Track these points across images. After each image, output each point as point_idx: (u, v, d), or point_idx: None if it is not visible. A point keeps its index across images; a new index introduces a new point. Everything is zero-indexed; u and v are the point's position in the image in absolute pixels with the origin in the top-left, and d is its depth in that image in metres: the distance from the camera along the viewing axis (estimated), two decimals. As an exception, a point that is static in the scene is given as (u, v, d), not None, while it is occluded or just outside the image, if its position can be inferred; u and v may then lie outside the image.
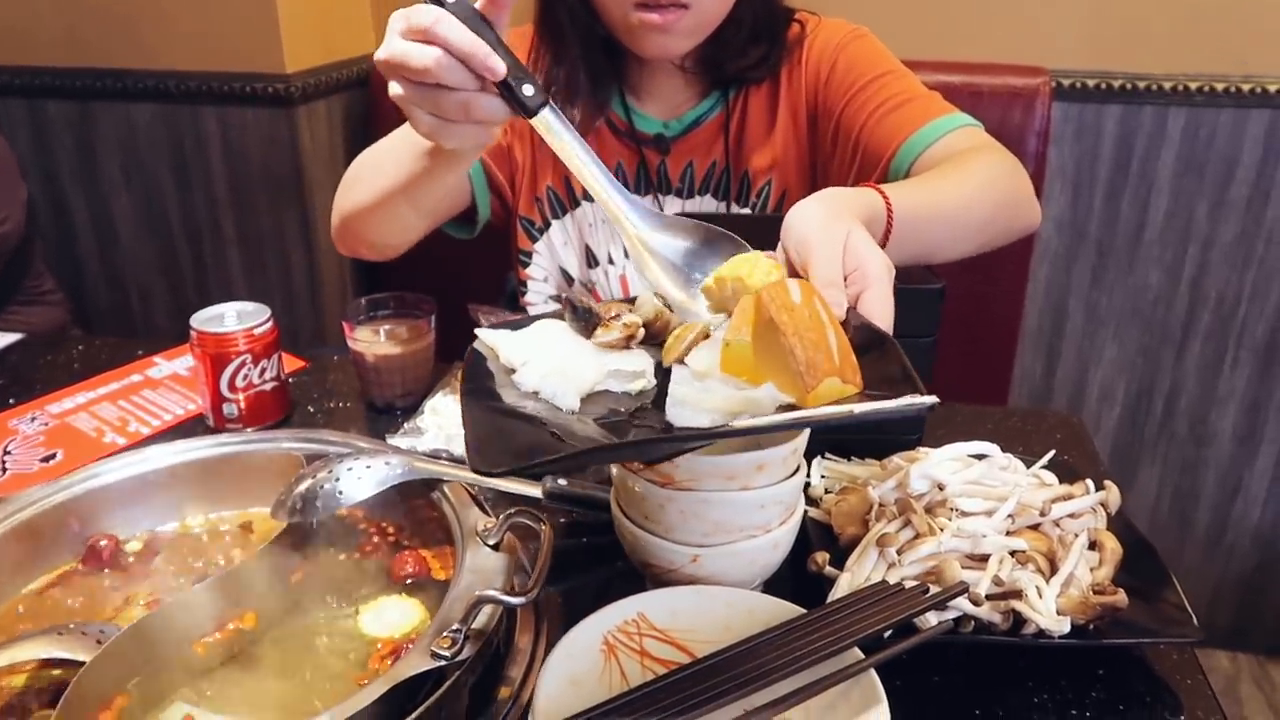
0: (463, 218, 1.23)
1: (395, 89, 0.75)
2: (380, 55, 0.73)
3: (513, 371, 0.72)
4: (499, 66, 0.70)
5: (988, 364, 1.70)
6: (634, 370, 0.71)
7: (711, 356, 0.67)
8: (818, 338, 0.60)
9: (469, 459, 0.60)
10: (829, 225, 0.72)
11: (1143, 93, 1.78)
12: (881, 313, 0.68)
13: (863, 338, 0.65)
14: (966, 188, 0.94)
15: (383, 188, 1.04)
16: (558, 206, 1.26)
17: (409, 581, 0.75)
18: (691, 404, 0.63)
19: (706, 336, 0.70)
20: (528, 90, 0.71)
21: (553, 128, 0.72)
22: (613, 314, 0.75)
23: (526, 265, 1.30)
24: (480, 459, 0.59)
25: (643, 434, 0.64)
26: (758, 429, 0.61)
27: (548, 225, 1.27)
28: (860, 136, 1.11)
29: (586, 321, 0.76)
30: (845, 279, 0.70)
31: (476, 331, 0.77)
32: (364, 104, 1.97)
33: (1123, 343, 1.98)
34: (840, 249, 0.70)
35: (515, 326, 0.78)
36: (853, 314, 0.68)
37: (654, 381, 0.71)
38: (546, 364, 0.72)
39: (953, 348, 0.93)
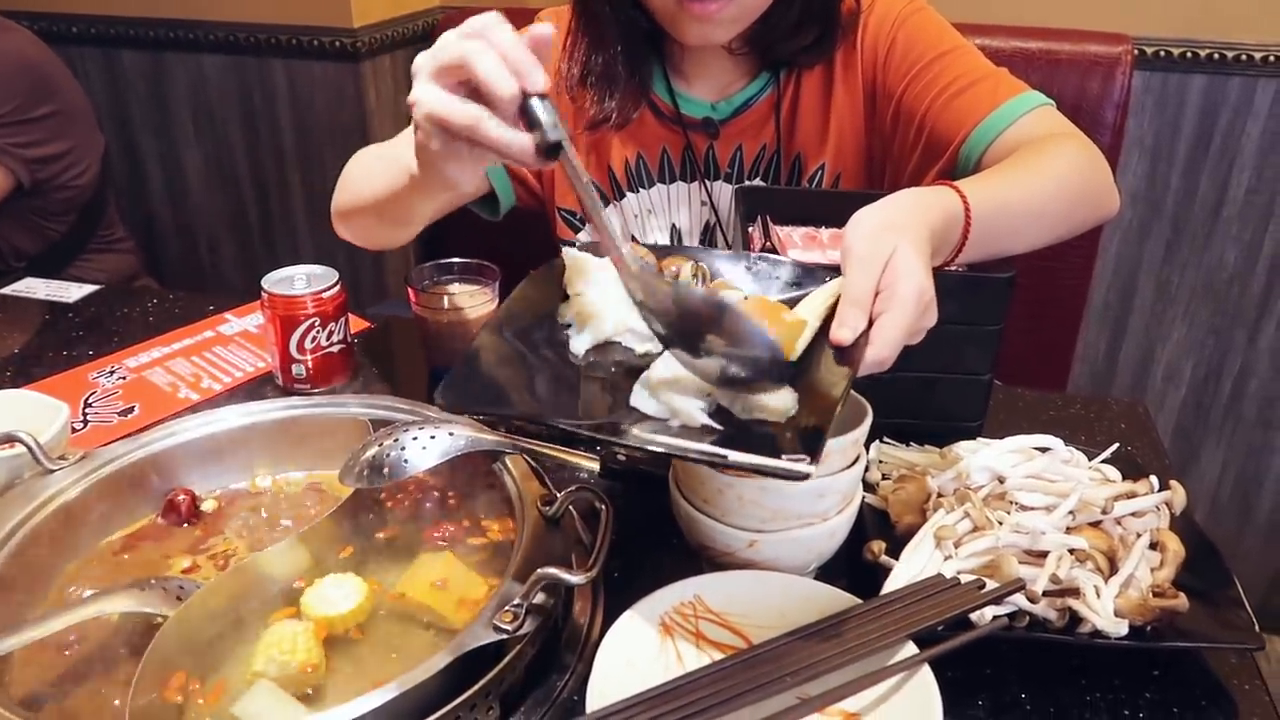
0: (487, 197, 1.21)
1: (425, 106, 0.68)
2: (430, 61, 0.68)
3: (567, 298, 0.80)
4: (539, 77, 0.64)
5: (1051, 340, 1.66)
6: (647, 333, 0.75)
7: None
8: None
9: (440, 389, 0.69)
10: (876, 238, 0.70)
11: (1230, 63, 1.71)
12: (885, 338, 0.66)
13: (840, 364, 0.68)
14: (1046, 181, 0.91)
15: (369, 198, 1.01)
16: (600, 198, 1.23)
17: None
18: (653, 387, 0.69)
19: None
20: (549, 122, 0.65)
21: (573, 162, 0.67)
22: (664, 272, 0.80)
23: None
24: (444, 393, 0.68)
25: (604, 399, 0.73)
26: (641, 447, 0.66)
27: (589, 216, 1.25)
28: (925, 120, 1.06)
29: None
30: (877, 295, 0.68)
31: (565, 250, 0.83)
32: (429, 59, 1.97)
33: (1193, 322, 1.93)
34: (878, 266, 0.68)
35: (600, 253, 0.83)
36: (861, 338, 0.67)
37: (660, 349, 0.75)
38: (585, 302, 0.79)
39: (1016, 323, 0.91)
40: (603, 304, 0.79)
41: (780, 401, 0.67)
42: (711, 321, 0.67)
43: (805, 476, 0.59)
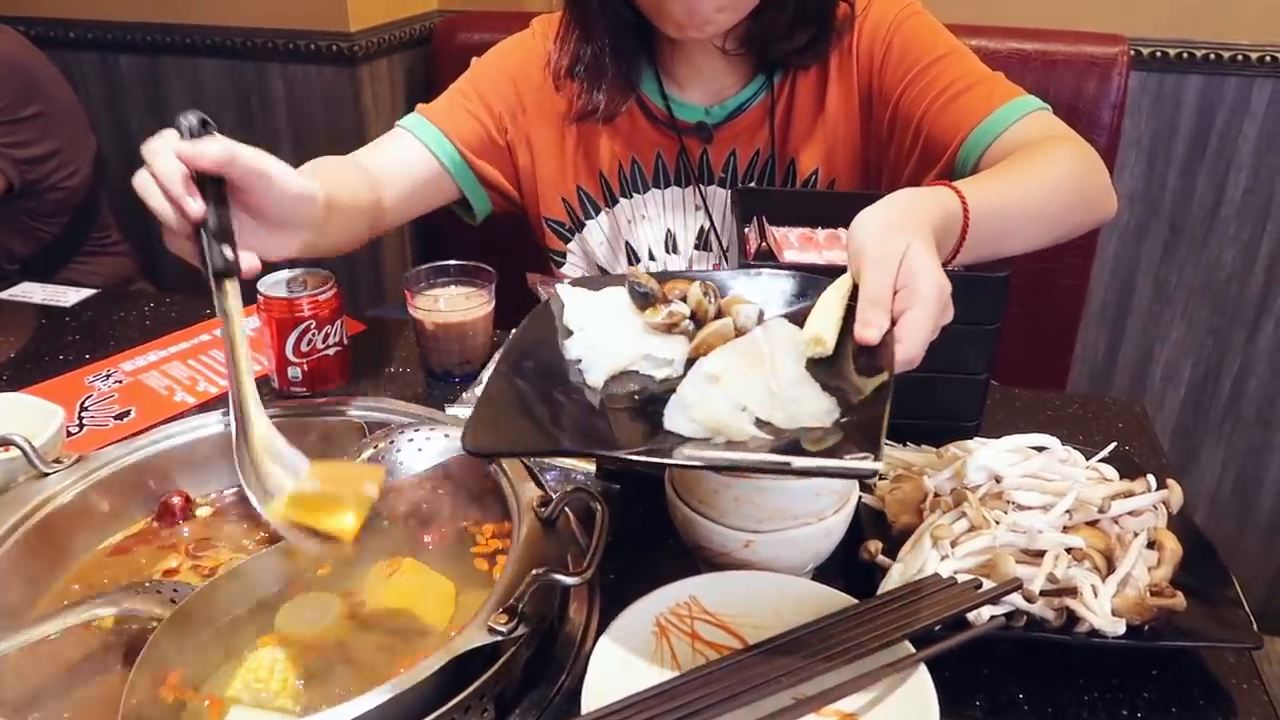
0: (464, 204, 1.21)
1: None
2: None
3: (571, 334, 0.79)
4: (193, 209, 0.73)
5: (1049, 341, 1.66)
6: (664, 358, 0.76)
7: (725, 360, 0.70)
8: None
9: (463, 434, 0.66)
10: (887, 238, 0.70)
11: (1227, 63, 1.71)
12: (912, 336, 0.67)
13: (866, 364, 0.68)
14: (1043, 183, 0.90)
15: None
16: (591, 206, 1.22)
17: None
18: (686, 409, 0.68)
19: (728, 339, 0.74)
20: (225, 251, 0.73)
21: (228, 300, 0.74)
22: (669, 296, 0.78)
23: (560, 265, 1.27)
24: (470, 437, 0.66)
25: (636, 427, 0.71)
26: (696, 465, 0.67)
27: (580, 225, 1.24)
28: (921, 125, 1.06)
29: (642, 300, 0.79)
30: (896, 294, 0.69)
31: (558, 287, 0.82)
32: (425, 63, 1.97)
33: (1192, 322, 1.93)
34: (894, 265, 0.69)
35: (596, 286, 0.82)
36: (887, 337, 0.68)
37: (680, 371, 0.75)
38: (593, 334, 0.78)
39: (1014, 323, 0.91)
40: (611, 335, 0.77)
41: (820, 407, 0.68)
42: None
43: (874, 473, 0.59)
